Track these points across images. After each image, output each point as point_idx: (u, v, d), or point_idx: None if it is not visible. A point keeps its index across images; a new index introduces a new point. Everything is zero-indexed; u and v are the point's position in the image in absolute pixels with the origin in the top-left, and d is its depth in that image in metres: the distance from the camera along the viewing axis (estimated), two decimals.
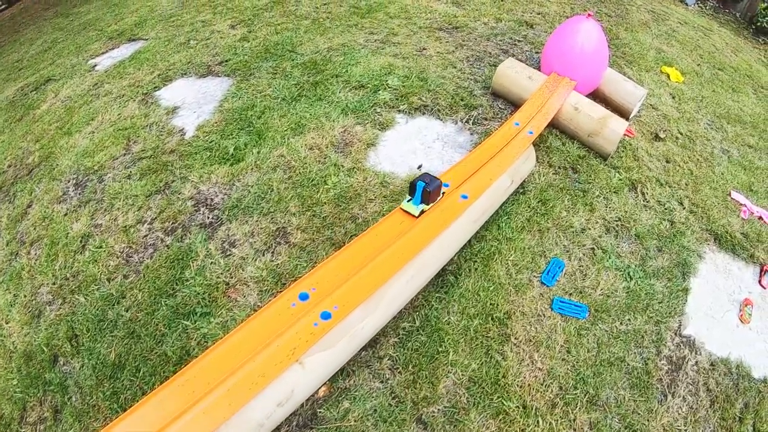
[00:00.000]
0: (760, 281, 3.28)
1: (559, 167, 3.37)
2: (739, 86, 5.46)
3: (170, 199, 3.16)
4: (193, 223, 2.98)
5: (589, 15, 3.71)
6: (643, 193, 3.43)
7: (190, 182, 3.25)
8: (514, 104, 3.72)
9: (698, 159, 3.99)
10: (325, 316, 2.02)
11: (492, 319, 2.58)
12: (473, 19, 4.92)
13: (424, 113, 3.69)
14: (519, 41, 4.65)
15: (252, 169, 3.29)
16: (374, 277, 2.16)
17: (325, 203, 3.03)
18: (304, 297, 2.10)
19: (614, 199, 3.29)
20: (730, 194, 3.81)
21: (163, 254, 2.82)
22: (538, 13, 5.37)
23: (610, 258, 2.95)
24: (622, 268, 2.93)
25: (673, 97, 4.70)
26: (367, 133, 3.48)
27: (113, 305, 2.61)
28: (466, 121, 3.60)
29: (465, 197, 2.57)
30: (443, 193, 2.55)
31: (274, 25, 5.02)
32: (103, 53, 5.62)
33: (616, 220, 3.18)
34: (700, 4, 7.09)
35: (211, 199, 3.13)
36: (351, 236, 2.86)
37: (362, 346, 2.22)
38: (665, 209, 3.39)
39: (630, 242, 3.10)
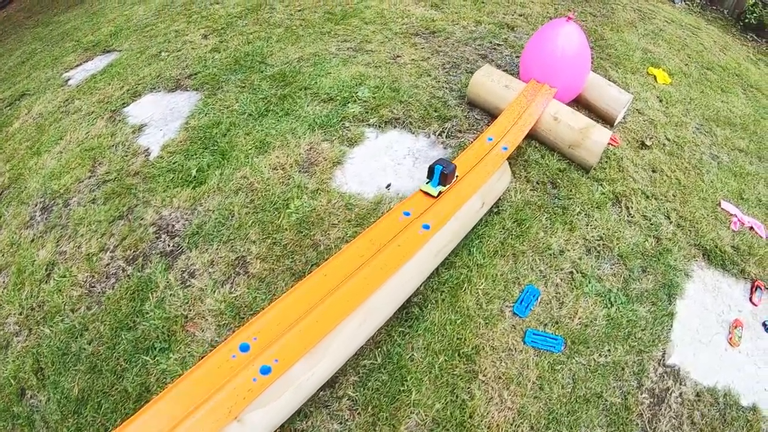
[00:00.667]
0: (750, 298, 3.03)
1: (538, 182, 3.10)
2: (728, 86, 5.18)
3: (132, 225, 2.95)
4: (153, 252, 2.78)
5: (569, 18, 3.43)
6: (627, 208, 3.16)
7: (152, 207, 3.04)
8: (491, 114, 3.45)
9: (686, 167, 3.71)
10: (265, 370, 1.77)
11: (459, 354, 2.33)
12: (452, 22, 4.63)
13: (395, 126, 3.42)
14: (499, 45, 4.37)
15: (214, 192, 3.05)
16: (320, 325, 1.90)
17: (286, 229, 2.79)
18: (244, 348, 1.86)
19: (596, 216, 3.02)
20: (719, 204, 3.54)
21: (124, 285, 2.63)
22: (520, 15, 5.08)
23: (589, 282, 2.69)
24: (603, 294, 2.67)
25: (661, 101, 4.42)
26: (334, 151, 3.22)
27: (76, 338, 2.46)
28: (439, 134, 3.33)
29: (426, 228, 2.30)
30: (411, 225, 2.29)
31: (246, 34, 4.74)
32: (77, 66, 5.36)
33: (598, 240, 2.91)
34: (688, 2, 6.79)
35: (173, 226, 2.92)
36: (312, 265, 2.63)
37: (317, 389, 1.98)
38: (651, 224, 3.13)
39: (612, 263, 2.84)
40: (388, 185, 3.05)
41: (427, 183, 2.52)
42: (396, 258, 2.19)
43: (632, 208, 3.16)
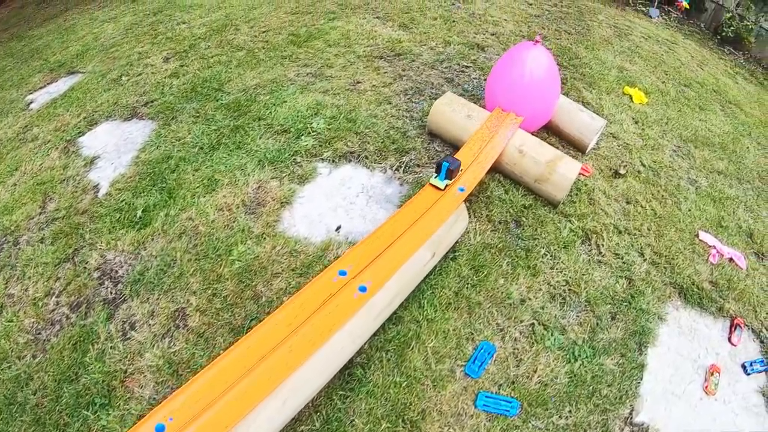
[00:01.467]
0: (729, 338, 2.74)
1: (500, 222, 2.79)
2: (706, 103, 4.89)
3: (77, 269, 2.69)
4: (97, 299, 2.54)
5: (536, 41, 3.12)
6: (598, 246, 2.85)
7: (97, 250, 2.77)
8: (453, 146, 3.13)
9: (663, 195, 3.40)
10: None
11: (403, 421, 2.03)
12: (419, 43, 4.33)
13: (350, 160, 3.11)
14: (467, 67, 4.06)
15: (158, 235, 2.78)
16: (237, 407, 1.59)
17: (227, 279, 2.51)
18: (160, 429, 1.55)
19: (563, 257, 2.70)
20: (697, 235, 3.24)
21: (67, 333, 2.40)
22: (492, 34, 4.78)
23: (552, 335, 2.38)
24: (567, 347, 2.36)
25: (636, 122, 4.12)
26: (283, 189, 2.91)
27: (22, 387, 2.27)
28: (396, 169, 3.02)
29: (363, 290, 1.98)
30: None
31: (207, 57, 4.43)
32: (41, 88, 5.06)
33: (564, 284, 2.60)
34: (664, 17, 6.51)
35: (116, 271, 2.66)
36: (252, 320, 2.35)
37: None
38: (623, 263, 2.81)
39: (579, 310, 2.53)
40: (338, 228, 2.74)
41: (435, 177, 2.56)
42: (327, 326, 1.88)
43: (603, 245, 2.85)
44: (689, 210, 3.41)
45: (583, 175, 3.23)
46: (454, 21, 4.84)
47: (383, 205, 2.88)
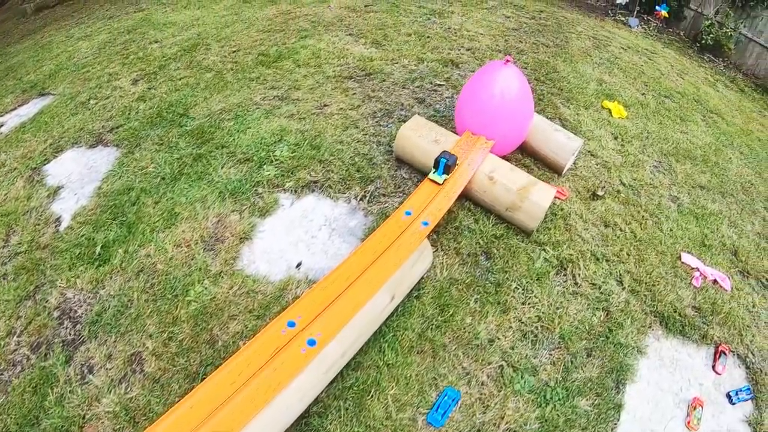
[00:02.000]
0: (713, 367, 2.56)
1: (468, 254, 2.59)
2: (687, 114, 4.72)
3: (38, 307, 2.54)
4: (56, 339, 2.41)
5: (507, 60, 2.94)
6: (573, 276, 2.65)
7: (57, 288, 2.61)
8: (422, 172, 2.93)
9: (643, 216, 3.21)
10: None
11: None
12: (391, 61, 4.14)
13: (313, 190, 2.91)
14: (440, 86, 3.88)
15: (117, 273, 2.60)
16: None
17: (184, 321, 2.34)
18: None
19: (536, 291, 2.50)
20: (680, 257, 3.04)
21: (28, 375, 2.28)
22: (468, 49, 4.60)
23: (522, 378, 2.18)
24: (538, 390, 2.16)
25: (616, 138, 3.94)
26: (242, 224, 2.71)
27: None
28: (360, 199, 2.82)
29: (312, 343, 1.77)
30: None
31: (175, 79, 4.23)
32: (12, 110, 4.85)
33: (536, 321, 2.40)
34: (644, 26, 6.36)
35: (75, 311, 2.50)
36: (207, 366, 2.17)
37: None
38: (600, 293, 2.62)
39: (552, 348, 2.33)
40: (299, 264, 2.55)
41: (433, 173, 2.60)
42: (272, 384, 1.68)
43: (579, 275, 2.65)
44: (671, 230, 3.22)
45: (558, 198, 3.04)
46: (428, 37, 4.66)
47: (346, 238, 2.68)
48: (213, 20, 5.37)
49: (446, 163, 2.57)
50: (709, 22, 6.12)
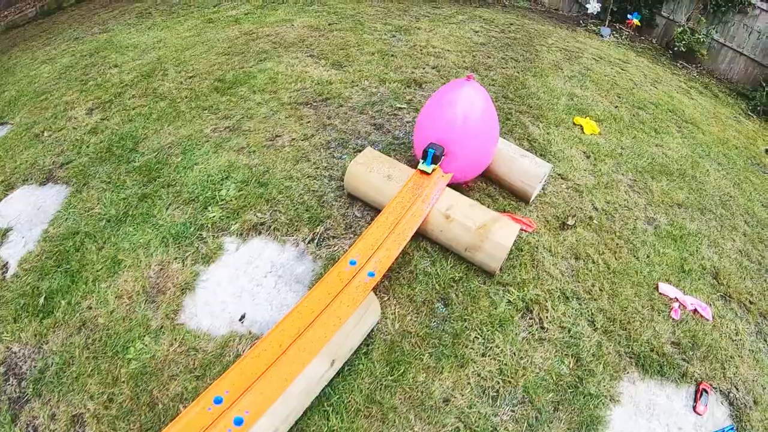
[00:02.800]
0: (695, 407, 2.33)
1: (423, 302, 2.30)
2: (662, 125, 4.48)
3: None
4: (2, 397, 2.24)
5: (469, 77, 2.67)
6: (540, 319, 2.37)
7: (3, 341, 2.42)
8: (375, 209, 2.64)
9: (617, 244, 2.95)
10: None
11: None
12: (351, 83, 3.86)
13: (260, 232, 2.62)
14: (400, 109, 3.60)
15: (60, 326, 2.39)
16: None
17: (124, 381, 2.14)
18: None
19: (498, 340, 2.22)
20: (657, 288, 2.78)
21: None
22: (433, 67, 4.33)
23: None
24: None
25: (588, 156, 3.68)
26: (185, 272, 2.46)
27: None
28: (309, 242, 2.53)
29: (239, 423, 1.49)
30: None
31: (129, 109, 3.93)
32: None
33: (497, 374, 2.12)
34: (616, 35, 6.14)
35: (20, 366, 2.32)
36: (147, 431, 1.97)
37: None
38: (570, 337, 2.34)
39: (514, 404, 2.06)
40: (242, 317, 2.27)
41: (422, 163, 2.55)
42: None
43: (547, 317, 2.38)
44: (647, 257, 2.96)
45: (525, 231, 2.76)
46: (392, 55, 4.38)
47: (293, 286, 2.39)
48: (174, 42, 5.07)
49: (434, 154, 2.51)
50: (682, 28, 5.91)
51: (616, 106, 4.50)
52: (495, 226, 2.34)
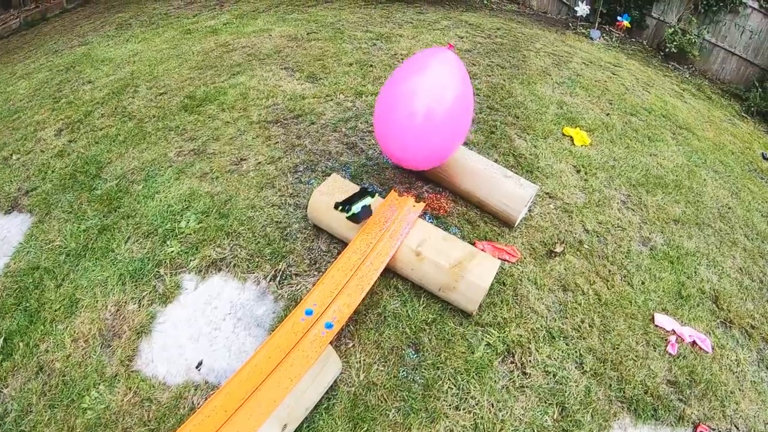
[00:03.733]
0: None
1: (392, 349, 2.03)
2: (656, 132, 4.18)
3: None
4: None
5: (450, 45, 2.38)
6: (522, 364, 2.10)
7: None
8: (342, 242, 2.36)
9: (610, 271, 2.67)
10: None
11: None
12: (325, 98, 3.58)
13: (220, 269, 2.35)
14: None
15: (19, 369, 2.22)
16: None
17: None
18: None
19: (474, 390, 1.95)
20: (653, 320, 2.49)
21: None
22: None
23: None
24: None
25: (578, 171, 3.39)
26: (141, 314, 2.26)
27: None
28: (271, 280, 2.25)
29: None
30: None
31: (96, 130, 3.68)
32: None
33: (472, 431, 1.83)
34: (606, 37, 5.82)
35: None
36: None
37: None
38: (555, 383, 2.07)
39: None
40: (199, 364, 2.08)
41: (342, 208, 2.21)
42: None
43: (530, 362, 2.10)
44: (643, 284, 2.68)
45: (508, 261, 2.48)
46: (371, 65, 4.09)
47: (252, 330, 2.12)
48: (150, 56, 4.78)
49: (354, 215, 2.17)
50: (672, 29, 5.60)
51: (608, 114, 4.20)
52: (472, 263, 2.06)
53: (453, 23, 5.31)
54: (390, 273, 2.23)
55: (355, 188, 2.31)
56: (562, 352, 2.18)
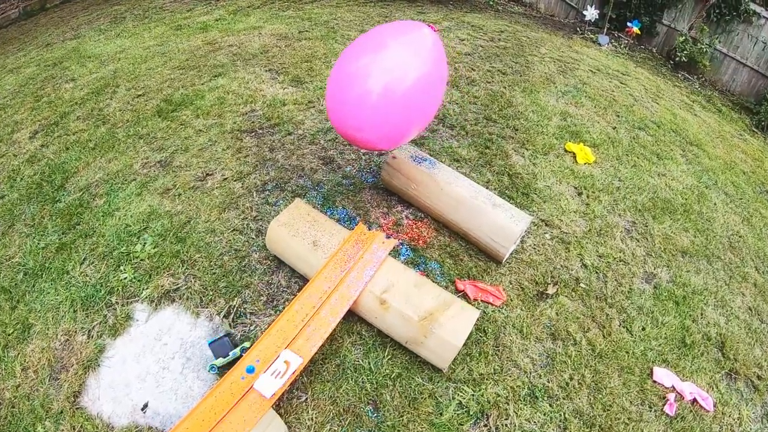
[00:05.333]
0: None
1: (349, 406, 1.72)
2: (665, 149, 3.79)
3: None
4: None
5: (432, 27, 2.01)
6: (497, 428, 1.77)
7: None
8: (304, 277, 2.03)
9: (607, 315, 2.33)
10: None
11: None
12: (307, 104, 3.24)
13: (172, 300, 2.07)
14: None
15: None
16: None
17: None
18: None
19: None
20: (651, 374, 2.16)
21: None
22: None
23: None
24: None
25: (580, 194, 3.02)
26: (89, 347, 2.06)
27: None
28: (225, 316, 1.94)
29: None
30: None
31: (70, 133, 3.40)
32: None
33: None
34: (614, 43, 5.37)
35: None
36: None
37: None
38: None
39: None
40: (145, 406, 1.86)
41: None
42: None
43: (505, 426, 1.78)
44: (643, 329, 2.33)
45: (491, 304, 2.14)
46: None
47: (200, 373, 1.85)
48: (135, 53, 4.46)
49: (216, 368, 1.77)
50: (683, 38, 5.15)
51: (614, 127, 3.81)
52: (444, 315, 1.73)
53: (454, 24, 4.90)
54: (354, 316, 1.91)
55: (319, 219, 1.98)
56: (544, 414, 1.85)
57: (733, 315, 2.64)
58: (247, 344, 1.77)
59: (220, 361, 1.72)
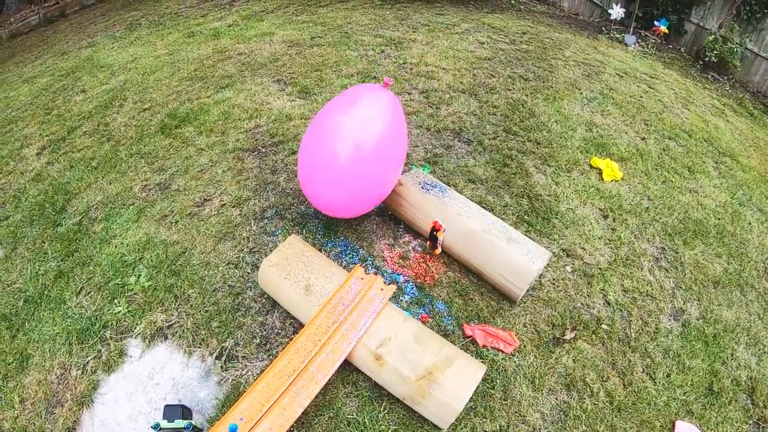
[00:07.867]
0: None
1: None
2: (697, 161, 3.47)
3: None
4: None
5: (386, 83, 1.90)
6: None
7: None
8: (300, 321, 1.88)
9: (629, 361, 2.11)
10: None
11: None
12: None
13: (166, 337, 1.97)
14: None
15: None
16: None
17: None
18: None
19: None
20: (673, 429, 1.93)
21: None
22: (422, 92, 3.46)
23: None
24: None
25: (605, 216, 2.77)
26: (84, 382, 1.98)
27: None
28: (217, 358, 1.82)
29: None
30: None
31: (75, 150, 3.34)
32: None
33: None
34: (642, 43, 4.97)
35: None
36: None
37: None
38: None
39: None
40: None
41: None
42: None
43: None
44: (668, 376, 2.10)
45: (502, 351, 1.95)
46: (375, 77, 3.52)
47: (192, 417, 1.71)
48: (146, 62, 4.36)
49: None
50: (713, 36, 4.74)
51: (643, 138, 3.51)
52: (444, 375, 1.55)
53: (474, 26, 4.62)
54: (350, 367, 1.76)
55: (314, 258, 1.82)
56: None
57: (765, 353, 2.38)
58: (196, 424, 1.64)
59: (164, 424, 1.59)
